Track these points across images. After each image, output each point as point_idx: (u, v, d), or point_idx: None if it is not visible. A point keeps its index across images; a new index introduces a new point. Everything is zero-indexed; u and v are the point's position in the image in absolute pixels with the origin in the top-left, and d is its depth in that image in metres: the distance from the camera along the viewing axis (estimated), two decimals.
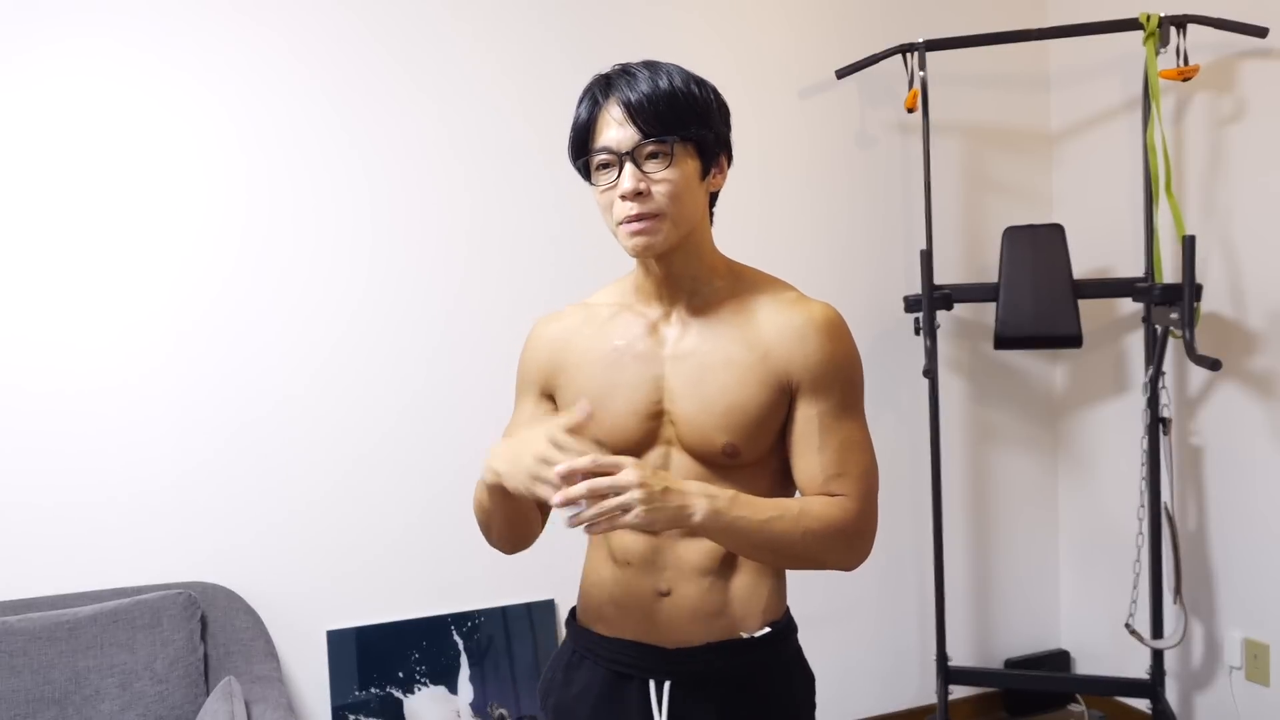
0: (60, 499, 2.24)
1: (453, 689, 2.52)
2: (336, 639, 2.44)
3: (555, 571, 2.57)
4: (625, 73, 1.26)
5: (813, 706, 1.40)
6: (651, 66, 1.26)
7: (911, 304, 2.74)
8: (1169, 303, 2.52)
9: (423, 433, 2.53)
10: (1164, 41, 2.55)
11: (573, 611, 1.45)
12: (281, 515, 2.41)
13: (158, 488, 2.31)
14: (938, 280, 2.79)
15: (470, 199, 2.55)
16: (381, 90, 2.47)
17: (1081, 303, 2.68)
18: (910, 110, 2.74)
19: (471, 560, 2.56)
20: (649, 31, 2.68)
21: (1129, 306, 2.89)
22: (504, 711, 2.55)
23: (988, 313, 2.92)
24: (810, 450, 1.27)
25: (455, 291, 2.55)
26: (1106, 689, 2.84)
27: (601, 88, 1.27)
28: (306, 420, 2.43)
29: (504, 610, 2.58)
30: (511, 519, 1.32)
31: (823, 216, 2.89)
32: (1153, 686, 2.65)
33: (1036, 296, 2.65)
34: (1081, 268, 2.88)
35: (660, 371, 1.30)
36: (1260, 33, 2.45)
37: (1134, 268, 2.80)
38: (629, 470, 1.15)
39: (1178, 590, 2.62)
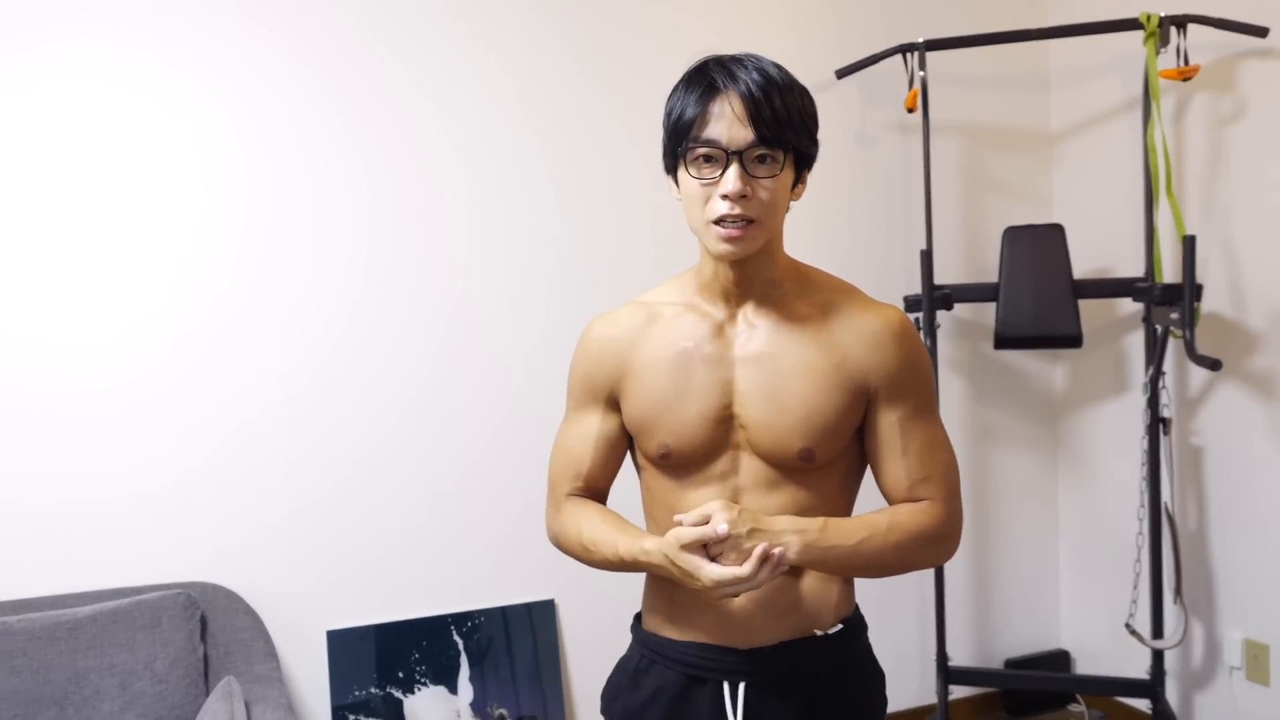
0: (60, 499, 2.24)
1: (453, 689, 2.52)
2: (336, 639, 2.44)
3: (555, 571, 2.57)
4: (742, 65, 1.20)
5: (884, 702, 1.39)
6: (762, 65, 1.21)
7: (911, 304, 2.74)
8: (1169, 303, 2.52)
9: (423, 433, 2.53)
10: (1164, 41, 2.55)
11: (637, 617, 1.42)
12: (281, 515, 2.41)
13: (158, 488, 2.31)
14: (938, 280, 2.79)
15: (470, 199, 2.55)
16: (381, 90, 2.47)
17: (1081, 303, 2.68)
18: (910, 110, 2.74)
19: (471, 560, 2.56)
20: (649, 31, 2.68)
21: (1129, 306, 2.89)
22: (504, 711, 2.55)
23: (988, 313, 2.92)
24: (894, 455, 1.27)
25: (456, 291, 2.55)
26: (1106, 689, 2.84)
27: (724, 76, 1.20)
28: (307, 420, 2.43)
29: (504, 610, 2.58)
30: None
31: (823, 216, 2.89)
32: (1153, 686, 2.65)
33: (1036, 296, 2.65)
34: (1081, 268, 2.88)
35: (729, 375, 1.28)
36: (1260, 33, 2.45)
37: (1134, 268, 2.79)
38: (717, 515, 1.19)
39: (1178, 590, 2.62)
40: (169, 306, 2.32)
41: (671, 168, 1.27)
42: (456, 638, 2.54)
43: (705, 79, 1.21)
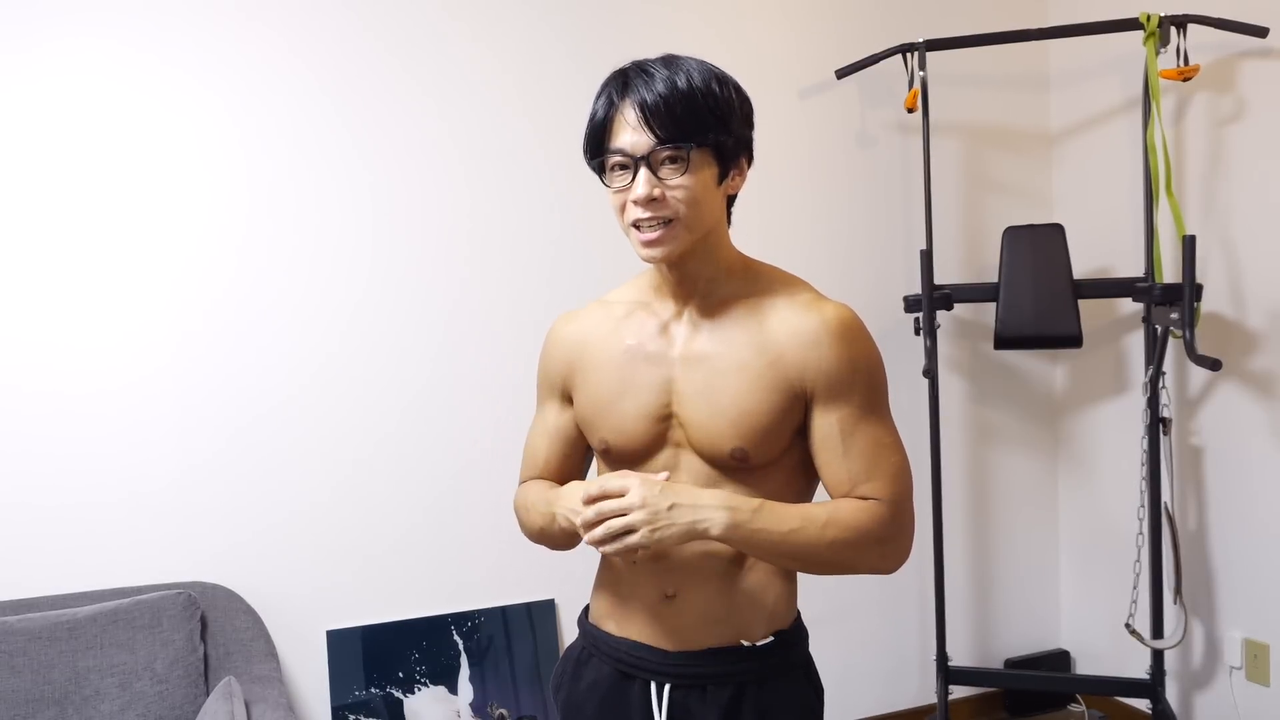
0: (60, 499, 2.24)
1: (453, 689, 2.52)
2: (336, 639, 2.44)
3: (555, 571, 2.57)
4: (643, 72, 1.21)
5: (816, 717, 1.37)
6: (670, 65, 1.22)
7: (911, 304, 2.74)
8: (1169, 303, 2.51)
9: (424, 433, 2.53)
10: (1164, 41, 2.55)
11: (585, 608, 1.45)
12: (281, 515, 2.41)
13: (158, 488, 2.31)
14: (938, 280, 2.79)
15: (471, 199, 2.55)
16: (382, 90, 2.47)
17: (1081, 303, 2.68)
18: (910, 110, 2.74)
19: (472, 560, 2.56)
20: (648, 31, 2.68)
21: (1129, 306, 2.89)
22: (504, 711, 2.55)
23: (988, 313, 2.92)
24: (835, 457, 1.24)
25: (456, 291, 2.55)
26: (1106, 689, 2.84)
27: (618, 87, 1.22)
28: (307, 420, 2.43)
29: (504, 610, 2.58)
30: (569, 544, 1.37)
31: (823, 216, 2.89)
32: (1153, 686, 2.65)
33: (1036, 296, 2.65)
34: (1081, 268, 2.88)
35: (670, 373, 1.29)
36: (1260, 33, 2.45)
37: (1134, 268, 2.80)
38: (634, 489, 1.17)
39: (1178, 590, 2.62)
40: (170, 307, 2.32)
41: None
42: (456, 638, 2.54)
43: (607, 91, 1.24)
